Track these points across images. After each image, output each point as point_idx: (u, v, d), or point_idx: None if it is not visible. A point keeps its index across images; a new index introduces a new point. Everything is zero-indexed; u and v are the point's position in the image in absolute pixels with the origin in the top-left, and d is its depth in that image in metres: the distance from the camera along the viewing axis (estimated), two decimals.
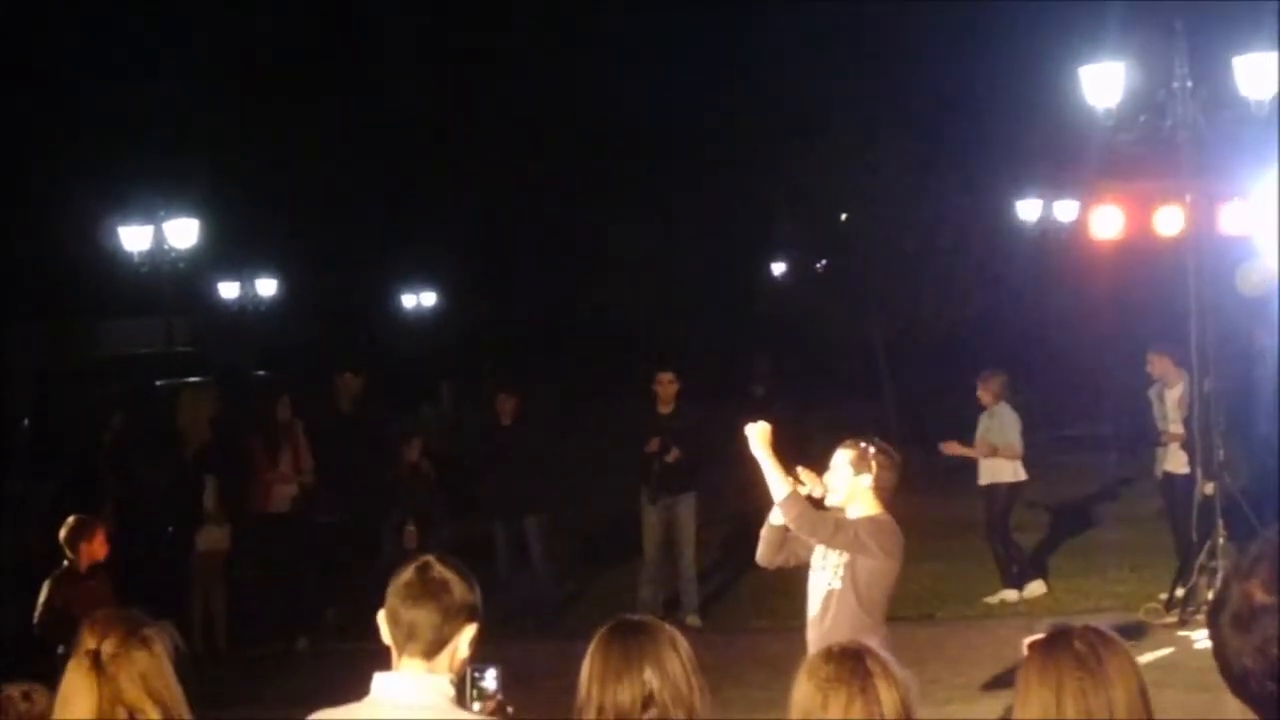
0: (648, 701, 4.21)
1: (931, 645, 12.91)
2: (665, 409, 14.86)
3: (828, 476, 7.81)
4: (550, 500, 15.91)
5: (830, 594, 7.67)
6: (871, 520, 7.70)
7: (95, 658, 4.22)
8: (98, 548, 11.16)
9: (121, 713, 4.14)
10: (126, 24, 35.87)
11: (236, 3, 38.28)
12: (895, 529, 7.75)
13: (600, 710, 4.24)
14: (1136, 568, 15.43)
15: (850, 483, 7.75)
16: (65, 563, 11.04)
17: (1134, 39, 14.52)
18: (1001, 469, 15.03)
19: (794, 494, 7.63)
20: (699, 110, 38.03)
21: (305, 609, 15.25)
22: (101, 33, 34.95)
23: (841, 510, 7.78)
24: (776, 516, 7.77)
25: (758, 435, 7.79)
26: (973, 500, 15.67)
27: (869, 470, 7.75)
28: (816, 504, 7.78)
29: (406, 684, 4.31)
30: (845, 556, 7.66)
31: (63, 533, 11.08)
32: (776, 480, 7.68)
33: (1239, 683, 3.31)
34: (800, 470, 7.78)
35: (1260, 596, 3.29)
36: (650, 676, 4.22)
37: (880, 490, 7.77)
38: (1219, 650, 3.34)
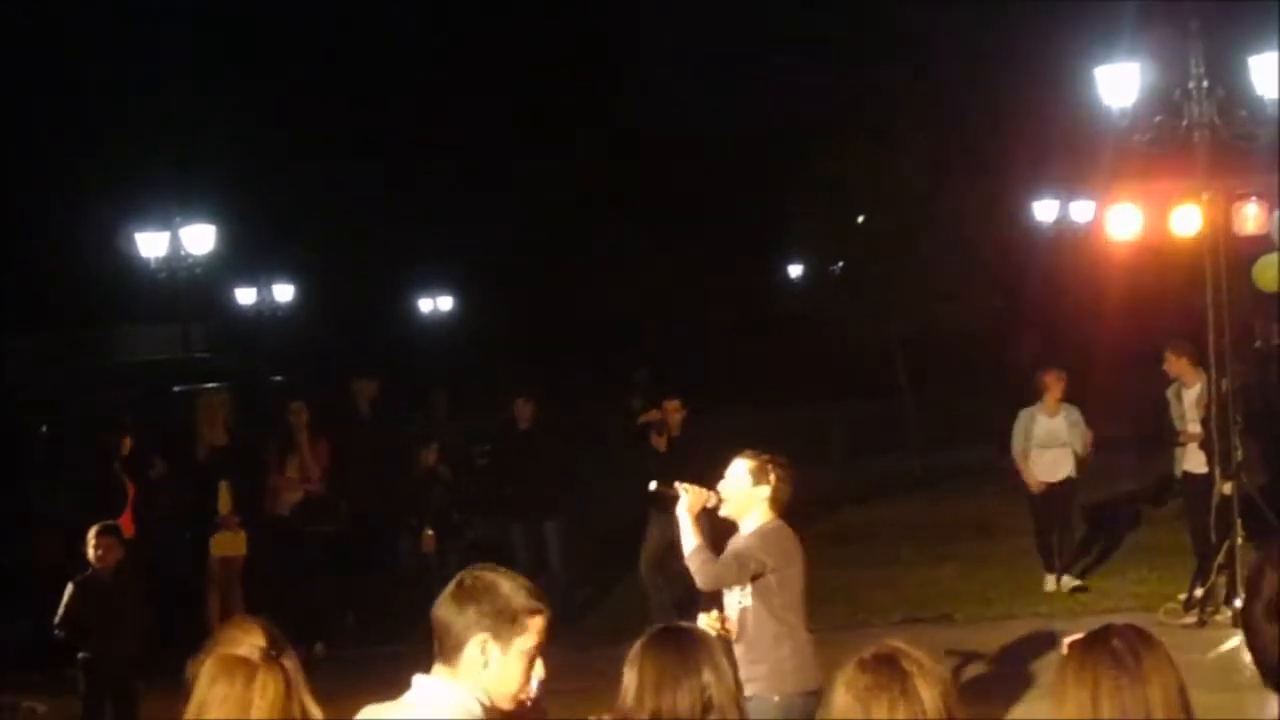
0: (707, 705, 4.19)
1: (950, 646, 12.88)
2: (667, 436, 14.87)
3: (722, 485, 7.90)
4: (568, 504, 15.92)
5: (743, 611, 7.78)
6: (762, 535, 7.81)
7: (274, 657, 4.01)
8: (117, 553, 11.22)
9: (297, 711, 3.99)
10: (142, 30, 35.95)
11: (251, 9, 38.34)
12: (788, 534, 7.85)
13: (656, 715, 4.21)
14: (1155, 568, 15.39)
15: (747, 492, 7.84)
16: (87, 569, 11.11)
17: (1149, 39, 14.50)
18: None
19: (699, 548, 7.75)
20: (716, 113, 37.99)
21: (322, 614, 15.25)
22: (117, 39, 35.00)
23: (734, 524, 7.90)
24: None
25: (689, 498, 7.86)
26: (989, 502, 15.64)
27: (767, 482, 7.84)
28: (710, 514, 7.88)
29: (433, 687, 4.26)
30: None
31: (89, 538, 11.15)
32: (688, 536, 7.80)
33: (1273, 673, 3.28)
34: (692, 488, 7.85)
35: None
36: (709, 680, 4.22)
37: (775, 502, 7.87)
38: (1253, 642, 3.31)
